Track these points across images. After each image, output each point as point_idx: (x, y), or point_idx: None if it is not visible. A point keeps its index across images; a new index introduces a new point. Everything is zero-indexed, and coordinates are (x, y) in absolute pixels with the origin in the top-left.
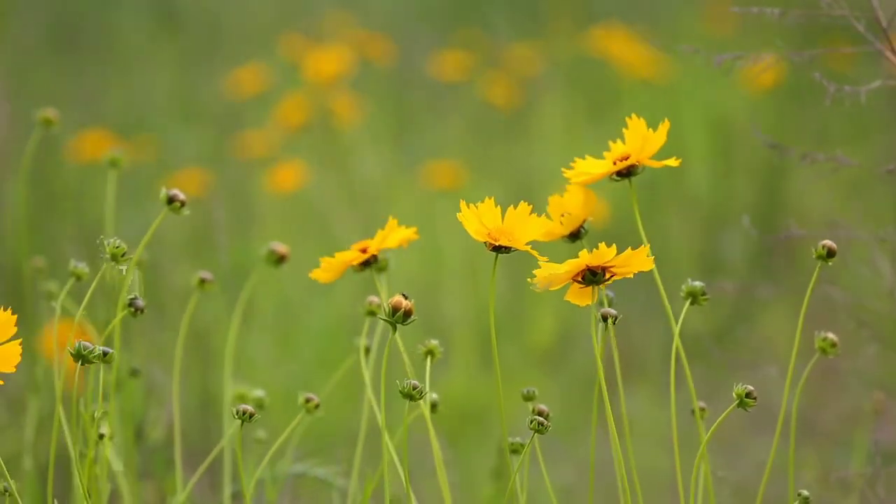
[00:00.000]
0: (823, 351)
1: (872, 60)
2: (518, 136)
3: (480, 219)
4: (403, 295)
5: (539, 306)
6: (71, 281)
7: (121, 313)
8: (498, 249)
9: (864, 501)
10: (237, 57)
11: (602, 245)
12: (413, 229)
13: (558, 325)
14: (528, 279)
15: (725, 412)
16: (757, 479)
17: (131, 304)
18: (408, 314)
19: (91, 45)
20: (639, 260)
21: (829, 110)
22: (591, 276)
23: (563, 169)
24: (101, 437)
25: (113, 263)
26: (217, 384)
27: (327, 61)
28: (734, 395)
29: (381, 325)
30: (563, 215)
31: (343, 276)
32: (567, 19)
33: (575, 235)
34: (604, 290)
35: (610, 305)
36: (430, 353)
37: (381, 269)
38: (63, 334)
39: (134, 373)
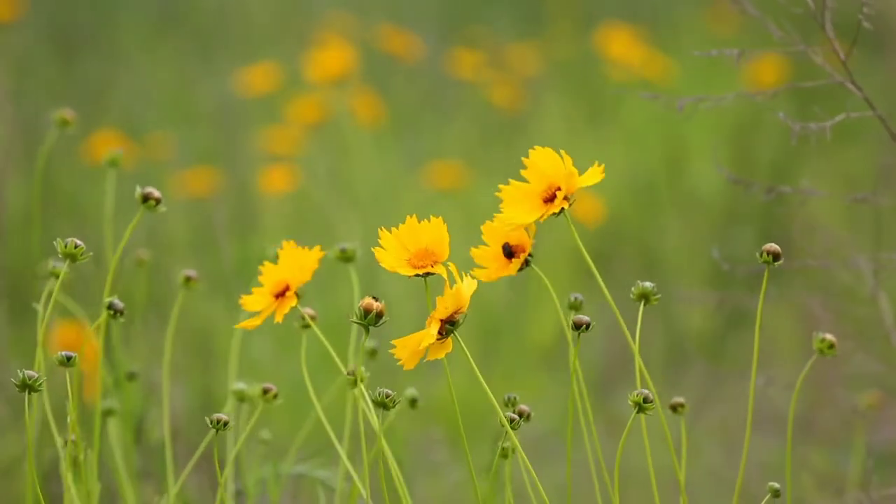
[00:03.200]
0: (821, 352)
1: (871, 62)
2: (518, 136)
3: (402, 242)
4: (374, 297)
5: (539, 306)
6: (59, 281)
7: (104, 314)
8: (426, 276)
9: (861, 502)
10: (238, 56)
11: (438, 298)
12: (316, 248)
13: (559, 324)
14: (392, 352)
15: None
16: (756, 479)
17: (110, 306)
18: (379, 316)
19: (92, 44)
20: (468, 290)
21: (833, 111)
22: (450, 326)
23: (495, 215)
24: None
25: (70, 263)
26: (218, 384)
27: (331, 61)
28: (630, 401)
29: (383, 327)
30: (512, 254)
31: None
32: (568, 20)
33: (523, 267)
34: (571, 297)
35: (578, 309)
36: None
37: (349, 260)
38: (64, 334)
39: (131, 376)
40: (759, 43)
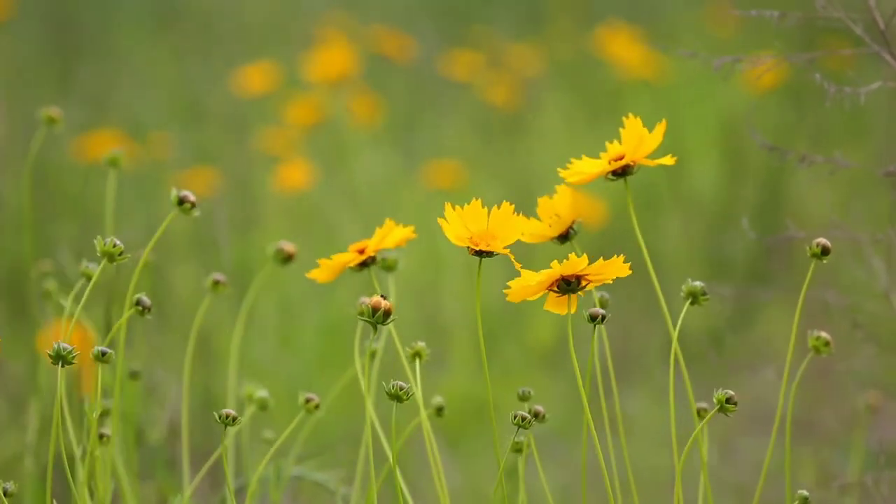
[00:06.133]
0: (817, 350)
1: (872, 62)
2: (518, 136)
3: (464, 221)
4: (382, 295)
5: (540, 306)
6: (81, 281)
7: (128, 312)
8: (480, 254)
9: (865, 502)
10: (237, 56)
11: (572, 255)
12: (410, 228)
13: (559, 324)
14: (504, 290)
15: (707, 416)
16: (755, 479)
17: (138, 302)
18: (387, 314)
19: (92, 44)
20: (615, 267)
21: (830, 111)
22: (566, 285)
23: (558, 169)
24: (101, 436)
25: (107, 263)
26: (218, 384)
27: (332, 61)
28: (714, 400)
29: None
30: (553, 217)
31: (345, 275)
32: (567, 19)
33: (564, 237)
34: (595, 292)
35: (604, 306)
36: (417, 354)
37: (390, 269)
38: (62, 333)
39: (133, 375)
40: (758, 42)
